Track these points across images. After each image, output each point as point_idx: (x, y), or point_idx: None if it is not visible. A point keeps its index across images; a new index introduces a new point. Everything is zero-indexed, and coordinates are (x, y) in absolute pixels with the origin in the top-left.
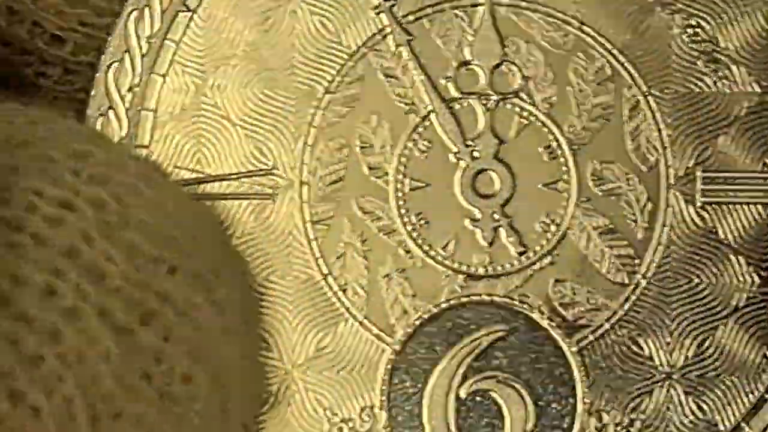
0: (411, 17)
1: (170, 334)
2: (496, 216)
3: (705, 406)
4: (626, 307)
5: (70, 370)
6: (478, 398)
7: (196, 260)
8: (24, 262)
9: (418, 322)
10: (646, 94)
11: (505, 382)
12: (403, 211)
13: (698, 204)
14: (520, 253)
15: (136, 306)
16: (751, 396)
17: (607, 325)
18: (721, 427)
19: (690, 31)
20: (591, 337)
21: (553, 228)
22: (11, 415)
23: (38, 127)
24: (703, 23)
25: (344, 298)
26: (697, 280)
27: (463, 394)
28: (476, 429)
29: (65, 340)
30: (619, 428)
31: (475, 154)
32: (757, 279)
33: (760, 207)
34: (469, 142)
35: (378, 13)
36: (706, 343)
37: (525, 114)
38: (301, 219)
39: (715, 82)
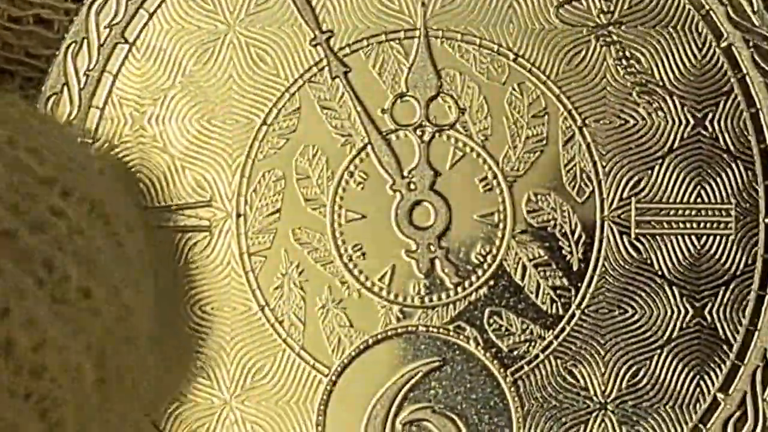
0: (347, 50)
1: (63, 246)
2: (432, 247)
3: None
4: (561, 337)
5: None
6: (414, 428)
7: (96, 195)
8: None
9: (354, 353)
10: (581, 126)
11: (441, 412)
12: (339, 242)
13: (633, 235)
14: (456, 285)
15: (23, 214)
16: (685, 426)
17: (542, 356)
18: None
19: (624, 62)
20: (526, 368)
21: (488, 259)
22: None
23: None
24: (638, 54)
25: (281, 329)
26: (631, 311)
27: (399, 424)
28: None
29: None
30: None
31: (412, 186)
32: (690, 309)
33: (693, 238)
34: (406, 174)
35: (315, 46)
36: (641, 373)
37: (460, 145)
38: (238, 251)
39: (649, 114)
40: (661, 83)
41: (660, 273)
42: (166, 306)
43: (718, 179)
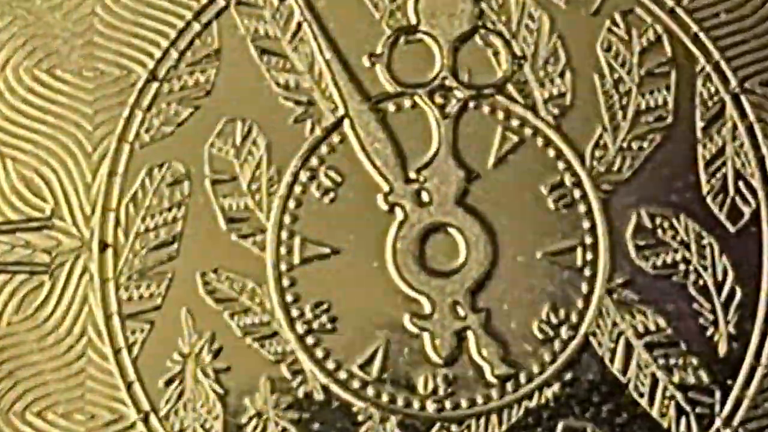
0: None
1: None
2: (461, 310)
3: None
4: None
5: None
6: None
7: None
8: None
9: None
10: (737, 92)
11: None
12: (289, 298)
13: None
14: (503, 379)
15: None
16: None
17: None
18: None
19: None
20: None
21: (563, 333)
22: None
23: None
24: None
25: None
26: None
27: None
28: None
29: None
30: None
31: (424, 197)
32: None
33: None
34: (413, 176)
35: None
36: None
37: (514, 125)
38: (103, 311)
39: None
40: None
41: None
42: None
43: None
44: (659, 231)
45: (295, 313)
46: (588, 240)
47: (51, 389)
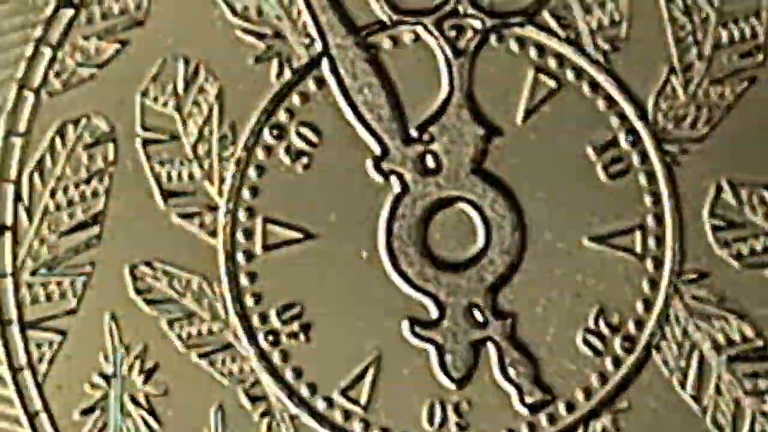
0: None
1: None
2: (478, 315)
3: None
4: None
5: None
6: None
7: None
8: None
9: None
10: None
11: None
12: (249, 300)
13: None
14: (536, 408)
15: None
16: None
17: None
18: None
19: None
20: None
21: (618, 346)
22: None
23: None
24: None
25: None
26: None
27: None
28: None
29: None
30: None
31: (429, 161)
32: None
33: None
34: (414, 134)
35: None
36: None
37: (551, 66)
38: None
39: None
40: None
41: None
42: None
43: None
44: (746, 207)
45: (256, 319)
46: (650, 221)
47: None
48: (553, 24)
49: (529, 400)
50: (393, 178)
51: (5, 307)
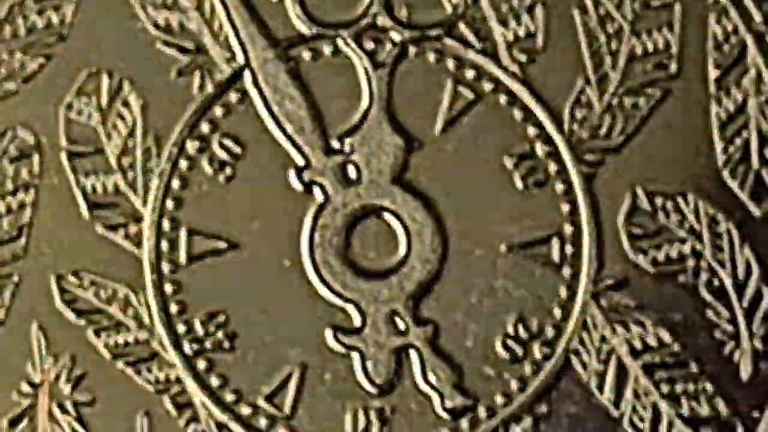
0: None
1: None
2: (399, 322)
3: None
4: None
5: None
6: None
7: None
8: None
9: None
10: (761, 28)
11: None
12: (174, 308)
13: None
14: (457, 413)
15: None
16: None
17: None
18: None
19: None
20: None
21: (537, 351)
22: None
23: None
24: None
25: None
26: None
27: None
28: None
29: None
30: None
31: (350, 171)
32: None
33: None
34: (335, 145)
35: None
36: None
37: (468, 77)
38: None
39: None
40: None
41: None
42: None
43: None
44: (661, 215)
45: (181, 328)
46: (567, 228)
47: None
48: (470, 36)
49: (450, 405)
50: (315, 189)
51: None
